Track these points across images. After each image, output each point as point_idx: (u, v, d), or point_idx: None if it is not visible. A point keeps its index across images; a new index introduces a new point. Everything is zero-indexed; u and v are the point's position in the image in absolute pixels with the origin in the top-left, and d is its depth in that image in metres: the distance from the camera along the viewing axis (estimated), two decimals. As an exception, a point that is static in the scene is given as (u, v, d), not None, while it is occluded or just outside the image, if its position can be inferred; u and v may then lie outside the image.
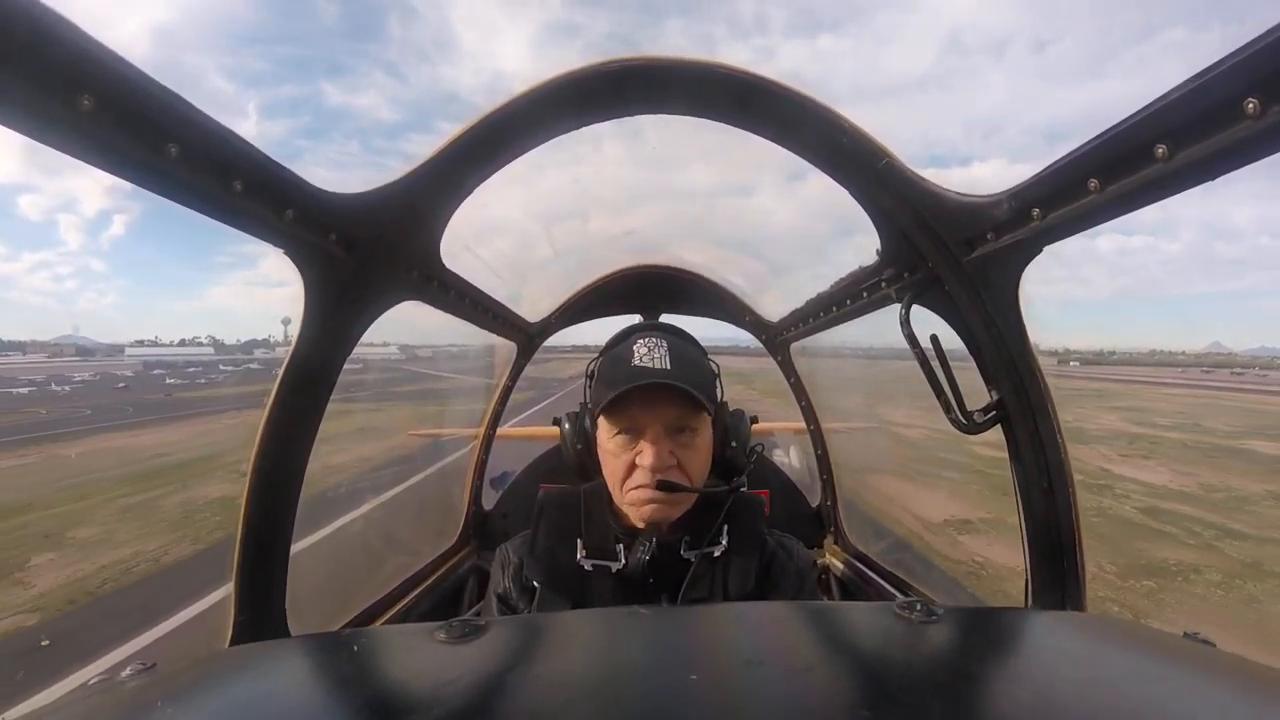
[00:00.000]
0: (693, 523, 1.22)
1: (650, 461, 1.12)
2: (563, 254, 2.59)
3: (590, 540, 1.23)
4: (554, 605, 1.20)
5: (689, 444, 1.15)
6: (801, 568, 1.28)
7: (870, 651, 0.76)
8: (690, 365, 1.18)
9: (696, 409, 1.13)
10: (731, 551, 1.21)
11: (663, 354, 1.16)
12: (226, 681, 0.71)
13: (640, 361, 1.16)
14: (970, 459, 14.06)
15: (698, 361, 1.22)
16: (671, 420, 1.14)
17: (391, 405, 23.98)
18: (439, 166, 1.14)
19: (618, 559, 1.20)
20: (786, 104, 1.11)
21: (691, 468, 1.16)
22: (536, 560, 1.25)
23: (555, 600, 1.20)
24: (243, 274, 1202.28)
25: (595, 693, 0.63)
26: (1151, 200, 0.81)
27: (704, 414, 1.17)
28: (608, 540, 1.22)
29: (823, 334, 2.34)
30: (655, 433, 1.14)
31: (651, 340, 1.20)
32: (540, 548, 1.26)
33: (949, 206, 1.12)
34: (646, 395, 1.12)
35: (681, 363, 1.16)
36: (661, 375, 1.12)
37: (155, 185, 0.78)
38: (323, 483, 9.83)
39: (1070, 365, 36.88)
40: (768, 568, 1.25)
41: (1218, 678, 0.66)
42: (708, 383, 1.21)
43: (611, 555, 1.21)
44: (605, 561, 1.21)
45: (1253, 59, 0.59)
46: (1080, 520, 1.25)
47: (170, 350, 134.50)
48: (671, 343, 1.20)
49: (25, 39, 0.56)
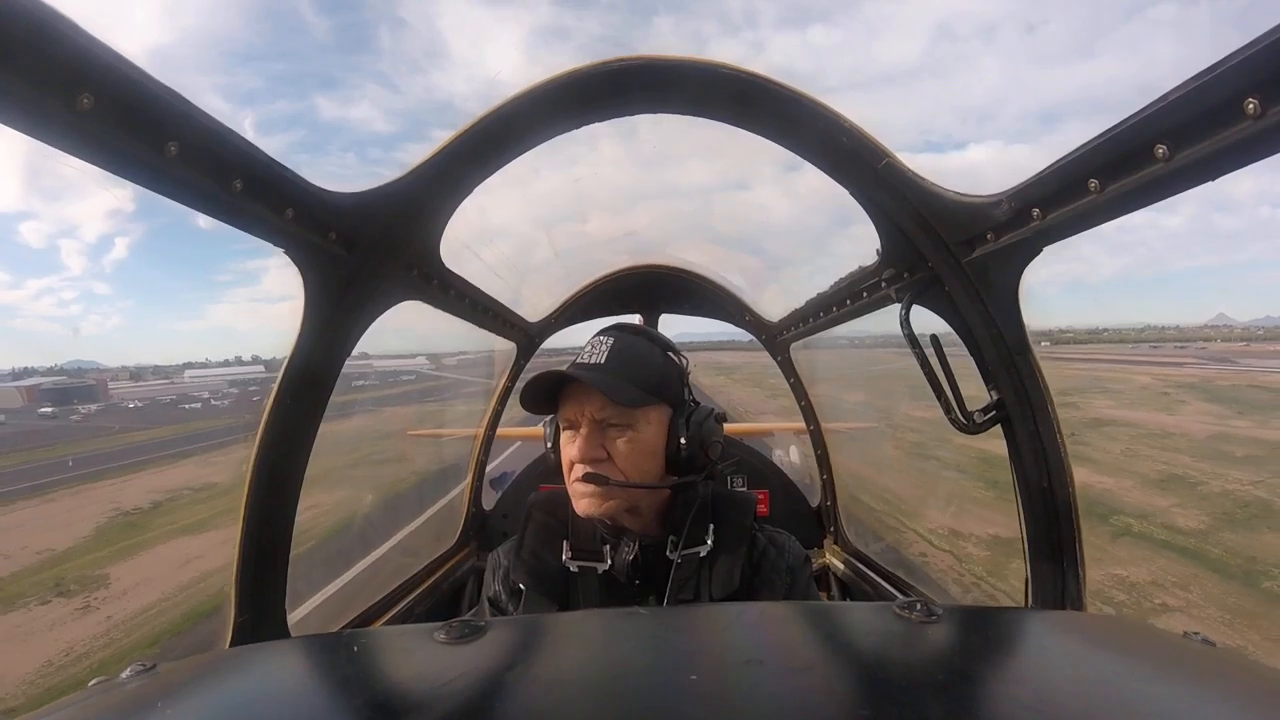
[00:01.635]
0: (678, 522, 1.22)
1: (574, 454, 1.15)
2: (562, 255, 2.59)
3: (577, 541, 1.23)
4: (539, 607, 1.20)
5: (621, 438, 1.15)
6: (792, 564, 1.27)
7: (870, 651, 0.75)
8: (629, 362, 1.17)
9: (624, 404, 1.13)
10: (718, 550, 1.20)
11: (602, 351, 1.18)
12: (226, 681, 0.71)
13: (580, 359, 1.20)
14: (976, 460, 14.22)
15: (641, 359, 1.20)
16: (596, 414, 1.15)
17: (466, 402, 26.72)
18: (439, 166, 1.14)
19: (604, 560, 1.20)
20: (786, 103, 1.11)
21: (625, 462, 1.15)
22: (522, 563, 1.25)
23: (540, 602, 1.20)
24: (245, 290, 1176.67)
25: (595, 693, 0.63)
26: (1152, 200, 0.81)
27: (640, 410, 1.16)
28: (594, 541, 1.22)
29: (823, 334, 2.34)
30: (584, 426, 1.16)
31: (600, 339, 1.22)
32: (526, 550, 1.26)
33: (949, 206, 1.12)
34: (578, 391, 1.16)
35: (620, 359, 1.17)
36: (587, 370, 1.15)
37: (155, 184, 0.78)
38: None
39: (1040, 345, 36.44)
40: (757, 565, 1.25)
41: (1217, 678, 0.66)
42: (649, 379, 1.18)
43: (597, 556, 1.21)
44: (591, 563, 1.21)
45: (1253, 59, 0.59)
46: (1080, 520, 1.25)
47: (225, 370, 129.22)
48: (619, 341, 1.20)
49: (25, 38, 0.56)
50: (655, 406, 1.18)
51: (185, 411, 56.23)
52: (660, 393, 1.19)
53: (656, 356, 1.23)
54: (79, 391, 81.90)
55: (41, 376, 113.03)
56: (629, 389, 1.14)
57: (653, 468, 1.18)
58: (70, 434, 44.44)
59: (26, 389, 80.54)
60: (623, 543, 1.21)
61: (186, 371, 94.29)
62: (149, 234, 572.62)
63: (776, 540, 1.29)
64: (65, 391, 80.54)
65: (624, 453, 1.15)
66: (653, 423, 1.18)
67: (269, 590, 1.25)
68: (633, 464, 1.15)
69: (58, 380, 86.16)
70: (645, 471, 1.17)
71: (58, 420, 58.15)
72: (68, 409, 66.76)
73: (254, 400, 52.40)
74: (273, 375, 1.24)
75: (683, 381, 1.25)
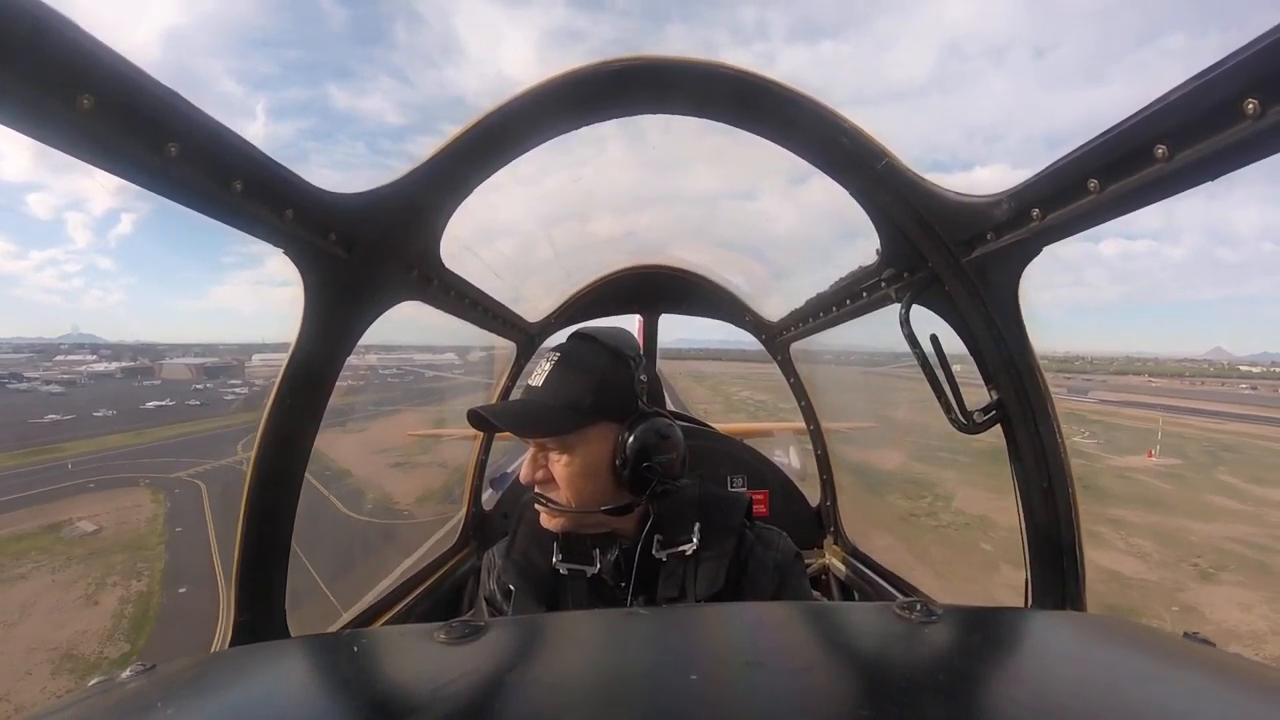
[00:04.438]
0: (660, 523, 1.22)
1: (521, 475, 1.21)
2: (563, 254, 2.59)
3: (566, 544, 1.23)
4: (528, 608, 1.21)
5: (560, 461, 1.16)
6: (781, 560, 1.27)
7: (870, 651, 0.75)
8: (567, 382, 1.17)
9: (545, 435, 1.16)
10: (703, 549, 1.20)
11: (544, 372, 1.20)
12: (226, 681, 0.71)
13: (529, 380, 1.23)
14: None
15: (580, 377, 1.17)
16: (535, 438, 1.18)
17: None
18: (440, 166, 1.14)
19: (593, 563, 1.21)
20: (787, 104, 1.11)
21: (565, 484, 1.16)
22: (512, 563, 1.27)
23: (529, 603, 1.21)
24: (248, 273, 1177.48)
25: (595, 694, 0.63)
26: (1151, 200, 0.81)
27: (574, 433, 1.15)
28: (583, 544, 1.23)
29: (823, 333, 2.34)
30: (531, 447, 1.20)
31: (550, 354, 1.23)
32: (517, 551, 1.28)
33: (949, 206, 1.12)
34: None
35: (557, 380, 1.17)
36: (525, 395, 1.20)
37: (155, 185, 0.78)
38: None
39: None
40: (744, 563, 1.25)
41: (1217, 678, 0.66)
42: (585, 398, 1.15)
43: (587, 559, 1.22)
44: (580, 565, 1.22)
45: (1253, 59, 0.59)
46: (1080, 520, 1.25)
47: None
48: (564, 358, 1.20)
49: (25, 38, 0.56)
50: (594, 425, 1.15)
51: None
52: (600, 410, 1.15)
53: (600, 368, 1.18)
54: (225, 370, 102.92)
55: (34, 350, 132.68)
56: (556, 416, 1.14)
57: (596, 487, 1.17)
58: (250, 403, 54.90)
59: (191, 366, 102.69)
60: (608, 546, 1.22)
61: (254, 355, 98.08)
62: (156, 211, 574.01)
63: (765, 538, 1.29)
64: (213, 370, 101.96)
65: (563, 475, 1.16)
66: (592, 442, 1.15)
67: (269, 589, 1.25)
68: (572, 486, 1.16)
69: (209, 360, 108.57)
70: (587, 491, 1.17)
71: (216, 392, 75.75)
72: (219, 383, 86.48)
73: (375, 376, 56.83)
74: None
75: (632, 391, 1.19)
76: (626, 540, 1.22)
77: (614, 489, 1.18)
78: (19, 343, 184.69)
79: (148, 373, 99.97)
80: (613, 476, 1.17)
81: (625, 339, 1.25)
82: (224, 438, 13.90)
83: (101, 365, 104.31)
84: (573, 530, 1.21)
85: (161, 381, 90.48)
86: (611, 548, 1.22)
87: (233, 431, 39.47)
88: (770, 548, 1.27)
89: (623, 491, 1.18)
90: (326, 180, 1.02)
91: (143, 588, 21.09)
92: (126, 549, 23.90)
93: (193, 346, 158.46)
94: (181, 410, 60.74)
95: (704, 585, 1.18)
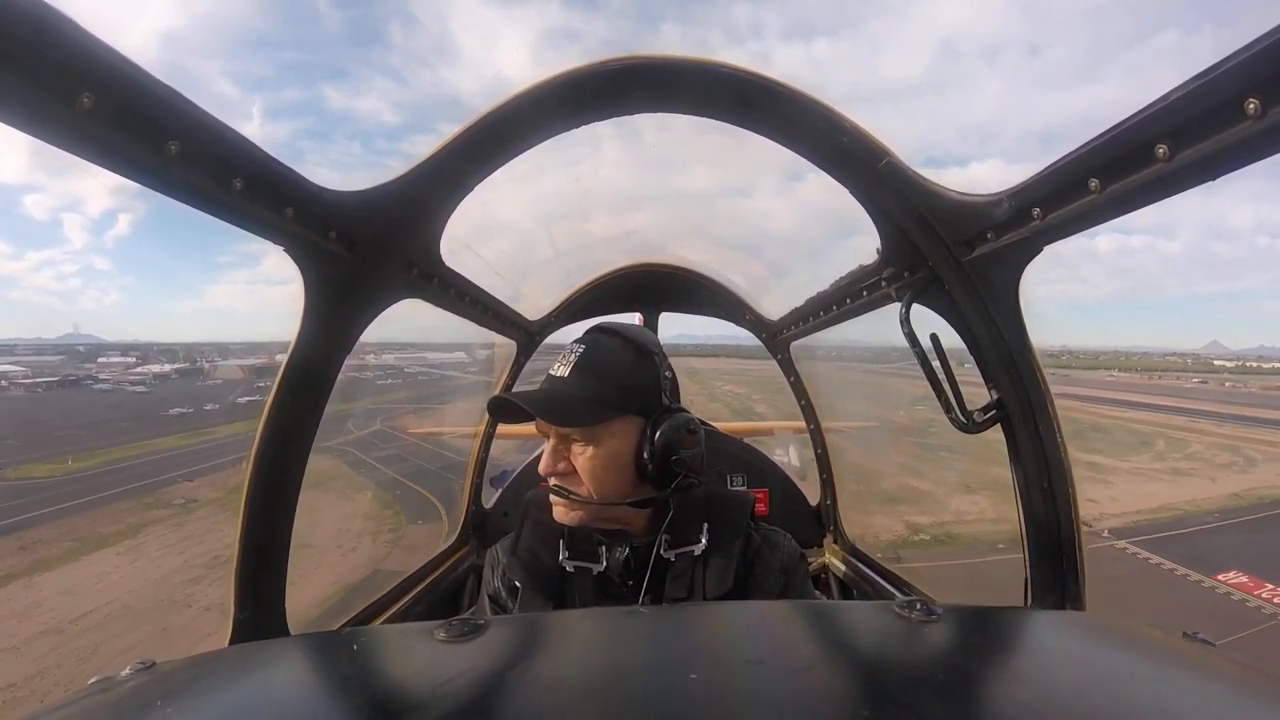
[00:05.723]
0: (670, 522, 1.21)
1: (540, 466, 1.18)
2: (563, 253, 2.59)
3: (573, 541, 1.22)
4: (535, 605, 1.20)
5: (584, 453, 1.15)
6: (787, 562, 1.27)
7: (870, 651, 0.75)
8: (593, 373, 1.15)
9: (574, 425, 1.14)
10: (711, 549, 1.20)
11: (569, 363, 1.17)
12: (226, 680, 0.71)
13: (552, 368, 1.20)
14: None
15: (608, 368, 1.16)
16: (559, 428, 1.16)
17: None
18: (439, 164, 1.14)
19: (599, 561, 1.20)
20: (787, 103, 1.10)
21: (587, 476, 1.14)
22: (518, 560, 1.25)
23: (536, 600, 1.20)
24: (245, 273, 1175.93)
25: (595, 692, 0.63)
26: (1152, 200, 0.81)
27: (601, 425, 1.13)
28: (589, 542, 1.22)
29: (823, 332, 2.34)
30: (551, 438, 1.18)
31: (573, 346, 1.21)
32: (523, 548, 1.27)
33: (949, 206, 1.12)
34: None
35: (584, 370, 1.15)
36: (549, 385, 1.17)
37: (155, 183, 0.78)
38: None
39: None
40: (751, 564, 1.25)
41: (1216, 678, 0.66)
42: (613, 390, 1.14)
43: (593, 557, 1.21)
44: (587, 563, 1.21)
45: (1253, 59, 0.59)
46: (1080, 520, 1.25)
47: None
48: (589, 349, 1.18)
49: (25, 38, 0.56)
50: (619, 419, 1.15)
51: (378, 386, 63.78)
52: (626, 403, 1.15)
53: (627, 363, 1.18)
54: (271, 370, 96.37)
55: (30, 352, 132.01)
56: (584, 407, 1.13)
57: (619, 480, 1.16)
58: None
59: (244, 367, 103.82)
60: (616, 544, 1.21)
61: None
62: (152, 211, 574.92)
63: (771, 539, 1.29)
64: (261, 370, 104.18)
65: (586, 468, 1.14)
66: (617, 435, 1.15)
67: (269, 587, 1.25)
68: (595, 478, 1.14)
69: (260, 362, 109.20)
70: (610, 484, 1.15)
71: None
72: (270, 381, 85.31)
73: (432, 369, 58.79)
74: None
75: (658, 387, 1.19)
76: (636, 538, 1.21)
77: (635, 483, 1.17)
78: (27, 344, 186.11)
79: (197, 373, 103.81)
80: (635, 470, 1.16)
81: (648, 335, 1.27)
82: (329, 419, 16.02)
83: (156, 367, 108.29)
84: (590, 524, 1.18)
85: (222, 381, 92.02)
86: (619, 545, 1.20)
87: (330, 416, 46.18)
88: (776, 549, 1.27)
89: (644, 486, 1.17)
90: (324, 179, 1.01)
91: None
92: (360, 489, 33.24)
93: (203, 345, 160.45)
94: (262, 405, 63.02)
95: (712, 586, 1.18)
